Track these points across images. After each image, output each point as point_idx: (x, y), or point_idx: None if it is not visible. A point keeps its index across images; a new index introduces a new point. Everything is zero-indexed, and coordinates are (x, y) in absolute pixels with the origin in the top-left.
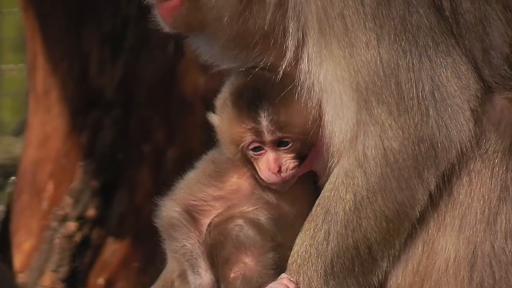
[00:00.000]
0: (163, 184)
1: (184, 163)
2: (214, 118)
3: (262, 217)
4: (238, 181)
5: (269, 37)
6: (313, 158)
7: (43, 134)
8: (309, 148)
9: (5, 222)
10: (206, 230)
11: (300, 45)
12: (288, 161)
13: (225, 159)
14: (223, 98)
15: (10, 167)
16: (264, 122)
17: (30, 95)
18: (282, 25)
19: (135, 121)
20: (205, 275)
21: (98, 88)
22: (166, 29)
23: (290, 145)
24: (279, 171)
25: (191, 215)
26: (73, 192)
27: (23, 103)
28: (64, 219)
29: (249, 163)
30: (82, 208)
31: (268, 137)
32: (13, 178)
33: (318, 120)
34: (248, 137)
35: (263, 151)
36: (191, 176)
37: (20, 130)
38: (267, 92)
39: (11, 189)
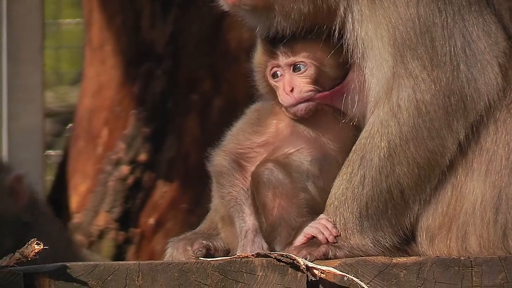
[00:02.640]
0: (210, 130)
1: (229, 111)
2: (251, 61)
3: (305, 158)
4: (278, 124)
5: (330, 7)
6: (335, 93)
7: (98, 84)
8: (331, 81)
9: (63, 166)
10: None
11: (346, 7)
12: (302, 84)
13: (266, 106)
14: (256, 44)
15: (66, 115)
16: (280, 47)
17: (86, 48)
18: None
19: (184, 72)
20: (249, 220)
21: (149, 42)
22: (227, 8)
23: (303, 69)
24: (292, 91)
25: (239, 163)
26: (126, 138)
27: (80, 55)
28: (117, 163)
29: (275, 95)
30: (134, 153)
31: (282, 60)
32: (70, 125)
33: (349, 63)
34: (268, 63)
35: (281, 77)
36: (237, 126)
37: (76, 80)
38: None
39: (68, 135)
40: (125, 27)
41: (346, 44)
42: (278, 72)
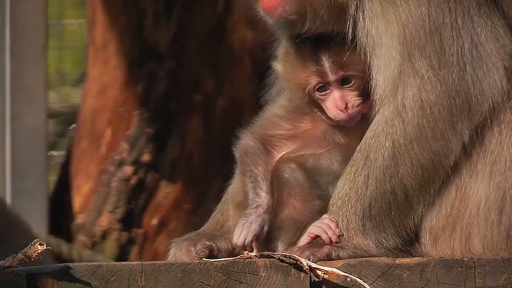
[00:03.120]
0: (213, 131)
1: (233, 112)
2: (277, 67)
3: (335, 158)
4: (310, 124)
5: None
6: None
7: (102, 85)
8: (370, 88)
9: (66, 166)
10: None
11: (358, 5)
12: (353, 98)
13: (295, 105)
14: (285, 47)
15: (69, 115)
16: (327, 63)
17: (90, 48)
18: None
19: (187, 72)
20: (265, 197)
21: (153, 42)
22: (271, 21)
23: (353, 82)
24: (346, 107)
25: (266, 147)
26: (129, 138)
27: (83, 56)
28: (120, 164)
29: (316, 105)
30: (138, 153)
31: (332, 76)
32: (73, 125)
33: None
34: (314, 80)
35: (329, 91)
36: (268, 113)
37: (79, 81)
38: (325, 37)
39: (72, 136)
40: (128, 27)
41: (358, 42)
42: (325, 86)
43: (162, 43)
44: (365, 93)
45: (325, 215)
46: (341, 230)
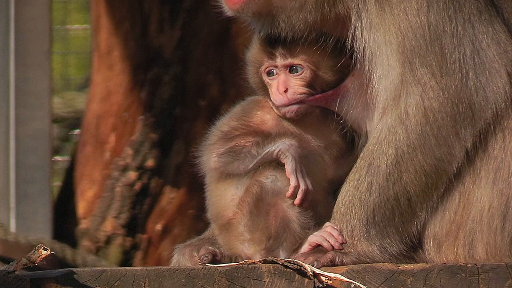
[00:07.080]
0: None
1: None
2: (247, 54)
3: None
4: (262, 116)
5: (338, 15)
6: (329, 96)
7: (106, 90)
8: (325, 85)
9: (70, 172)
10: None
11: (356, 15)
12: (296, 86)
13: (251, 100)
14: (254, 37)
15: (73, 120)
16: (279, 47)
17: (94, 54)
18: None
19: (192, 77)
20: (276, 143)
21: (157, 47)
22: (229, 13)
23: (300, 72)
24: (286, 91)
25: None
26: (134, 143)
27: (87, 61)
28: (125, 169)
29: (265, 91)
30: (142, 158)
31: (280, 61)
32: (77, 130)
33: (349, 68)
34: (265, 61)
35: (276, 75)
36: (221, 120)
37: (83, 86)
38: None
39: (76, 141)
40: (133, 32)
41: (356, 51)
42: (273, 70)
43: (166, 48)
44: (313, 87)
45: (327, 223)
46: (344, 237)
